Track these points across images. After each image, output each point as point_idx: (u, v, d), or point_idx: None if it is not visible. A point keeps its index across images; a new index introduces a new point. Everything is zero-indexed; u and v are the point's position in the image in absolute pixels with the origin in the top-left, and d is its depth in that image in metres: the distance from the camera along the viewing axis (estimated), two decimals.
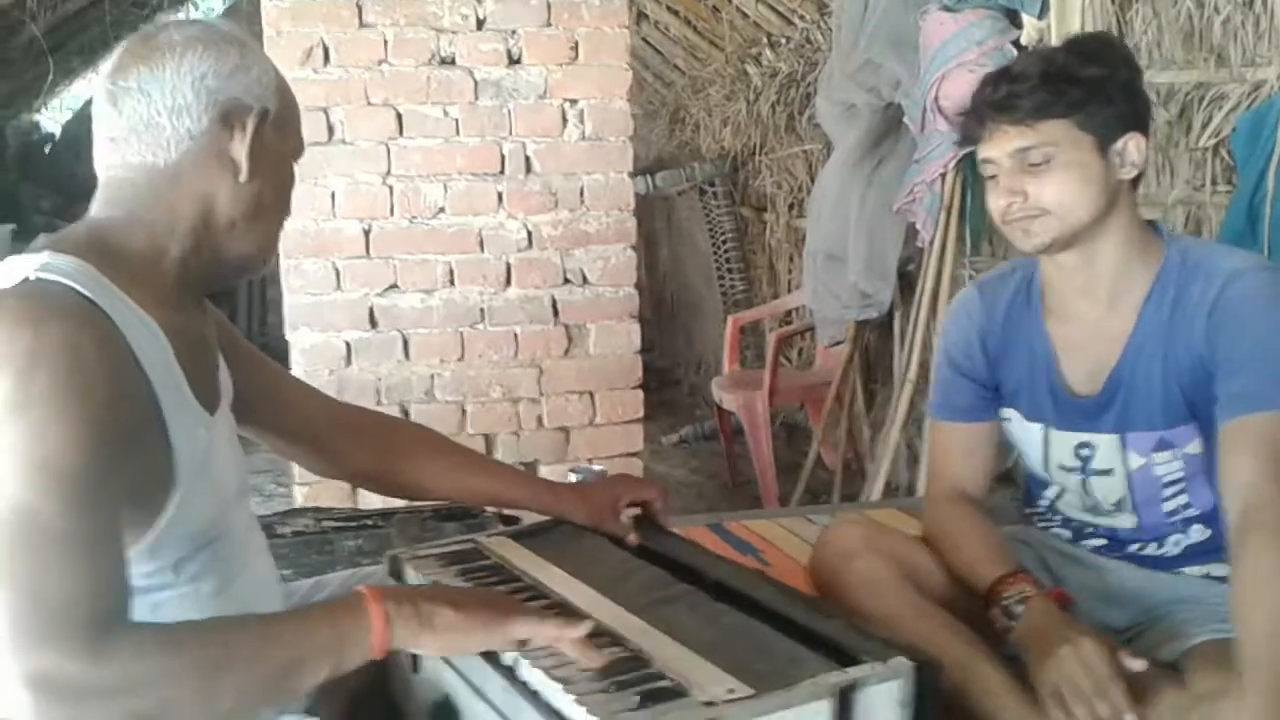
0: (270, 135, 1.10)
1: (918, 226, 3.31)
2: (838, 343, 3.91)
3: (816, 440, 3.93)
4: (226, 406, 1.20)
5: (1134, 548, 1.48)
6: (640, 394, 3.01)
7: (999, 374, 1.52)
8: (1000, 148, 1.36)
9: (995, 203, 1.39)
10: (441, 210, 2.89)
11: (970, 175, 3.19)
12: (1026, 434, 1.51)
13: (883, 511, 2.40)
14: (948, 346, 1.58)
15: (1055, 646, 1.23)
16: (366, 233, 2.86)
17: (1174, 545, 1.45)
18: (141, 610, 0.99)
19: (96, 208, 1.09)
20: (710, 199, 5.52)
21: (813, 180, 4.60)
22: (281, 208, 1.15)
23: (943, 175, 3.18)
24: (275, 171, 1.12)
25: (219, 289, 1.19)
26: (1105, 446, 1.43)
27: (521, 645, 1.06)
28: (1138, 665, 1.20)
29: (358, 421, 1.47)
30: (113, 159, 1.07)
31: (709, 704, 0.98)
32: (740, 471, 4.34)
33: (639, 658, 1.08)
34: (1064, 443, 1.46)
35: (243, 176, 1.08)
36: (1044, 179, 1.34)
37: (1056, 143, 1.33)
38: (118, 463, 0.94)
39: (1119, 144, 1.34)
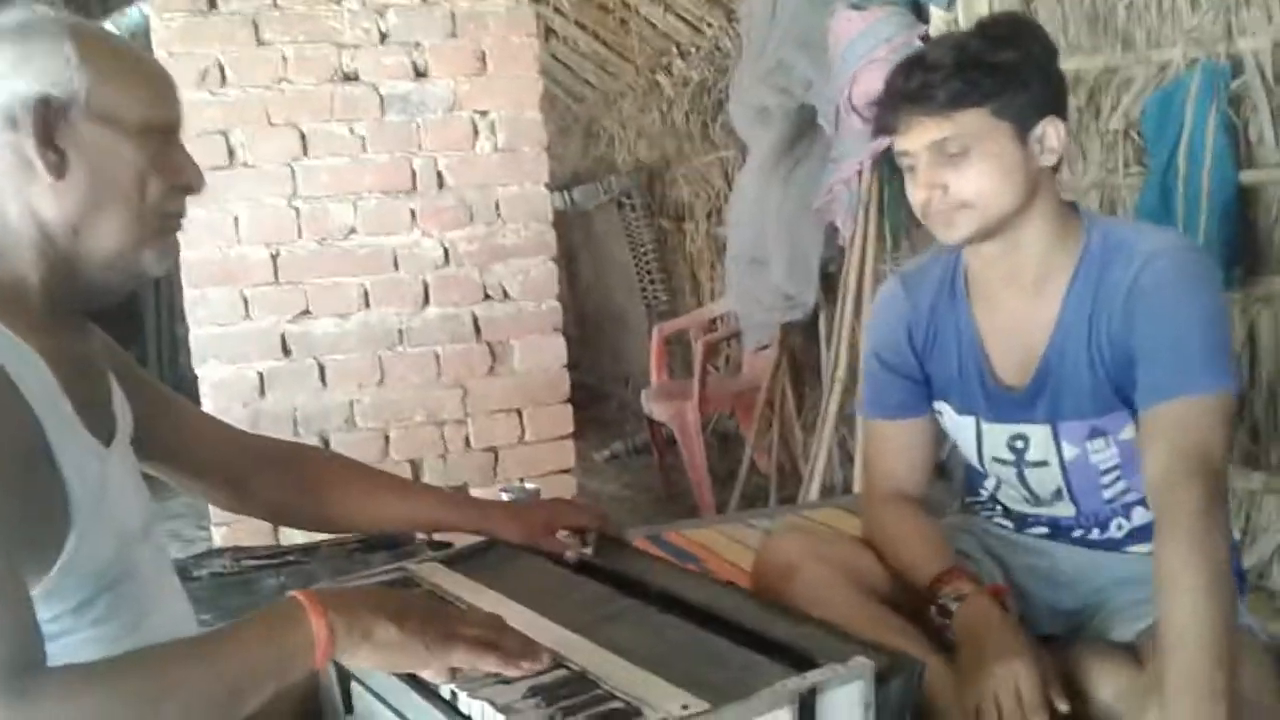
0: (81, 118, 0.97)
1: (838, 225, 3.30)
2: (764, 347, 3.90)
3: (749, 446, 3.91)
4: (124, 438, 1.10)
5: (1077, 534, 1.46)
6: (570, 409, 2.94)
7: (928, 367, 1.48)
8: (917, 140, 1.32)
9: (915, 196, 1.35)
10: (353, 231, 2.80)
11: (888, 171, 3.20)
12: (959, 428, 1.48)
13: (822, 511, 2.37)
14: (874, 343, 1.54)
15: (989, 661, 1.20)
16: (274, 258, 2.76)
17: (1116, 529, 1.44)
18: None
19: None
20: (628, 211, 5.49)
21: (730, 187, 4.60)
22: (126, 195, 0.99)
23: (860, 173, 3.18)
24: (101, 157, 0.97)
25: (100, 305, 1.06)
26: (1038, 437, 1.40)
27: (454, 673, 0.99)
28: (1063, 707, 1.18)
29: (269, 452, 1.38)
30: None
31: None
32: (674, 483, 4.30)
33: (585, 678, 1.01)
34: (998, 435, 1.43)
35: (50, 176, 0.96)
36: (963, 170, 1.30)
37: (974, 133, 1.29)
38: (8, 498, 0.86)
39: (1038, 130, 1.32)
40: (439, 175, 2.84)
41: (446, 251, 2.86)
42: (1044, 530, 1.48)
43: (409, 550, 1.92)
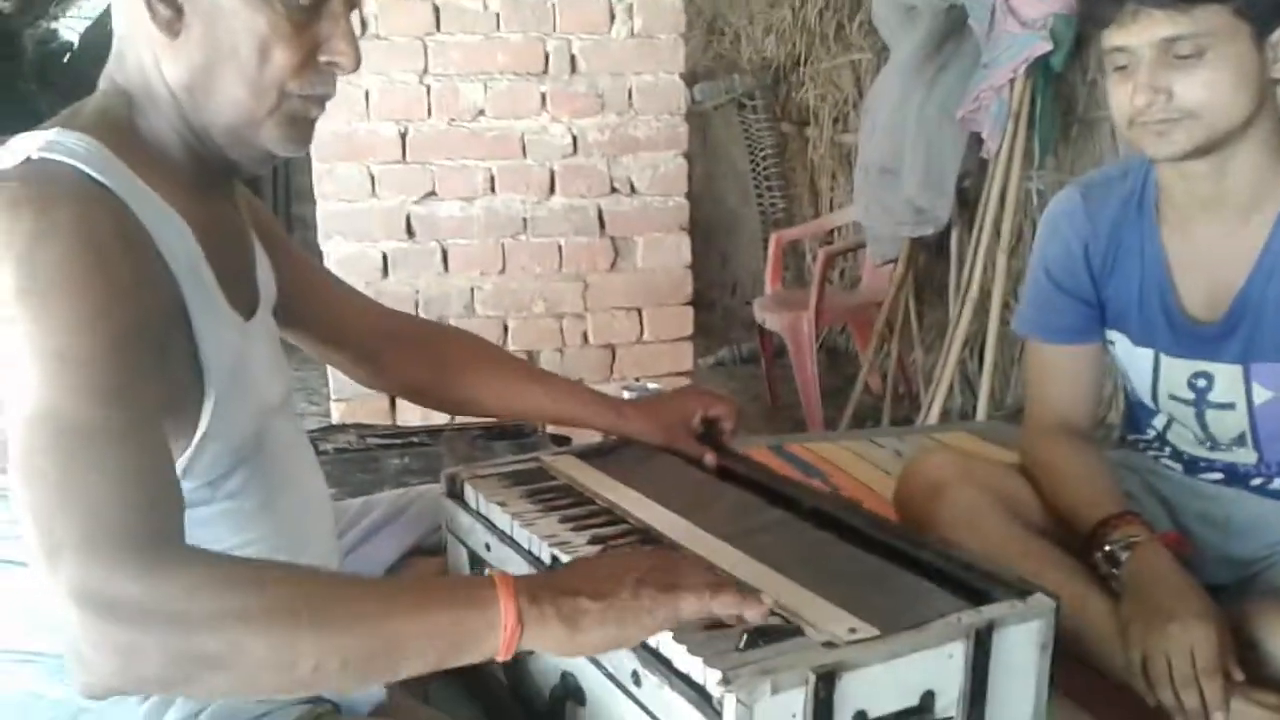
0: None
1: (983, 136, 3.13)
2: (889, 261, 3.74)
3: (866, 362, 3.79)
4: (267, 309, 1.06)
5: (1256, 483, 1.35)
6: (690, 310, 2.87)
7: (1104, 291, 1.36)
8: (1142, 35, 1.17)
9: (1128, 100, 1.20)
10: (481, 112, 2.72)
11: (1042, 81, 3.01)
12: (1134, 360, 1.36)
13: (950, 434, 2.28)
14: (1045, 258, 1.41)
15: (1164, 618, 1.12)
16: (403, 135, 2.70)
17: None
18: None
19: (103, 82, 0.94)
20: (750, 113, 5.30)
21: (860, 93, 4.40)
22: (242, 65, 0.89)
23: (1011, 81, 2.99)
24: (219, 18, 0.89)
25: (247, 174, 1.01)
26: (1226, 378, 1.28)
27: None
28: (1239, 676, 1.10)
29: (408, 330, 1.34)
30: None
31: (829, 645, 0.86)
32: (779, 395, 4.21)
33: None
34: (1178, 371, 1.31)
35: (162, 34, 0.89)
36: (1193, 74, 1.16)
37: (1212, 32, 1.14)
38: (145, 356, 0.80)
39: (1275, 35, 1.16)
40: (572, 59, 2.74)
41: (575, 140, 2.78)
42: (1218, 476, 1.37)
43: (532, 442, 1.89)
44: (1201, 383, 1.30)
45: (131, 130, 0.91)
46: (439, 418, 2.36)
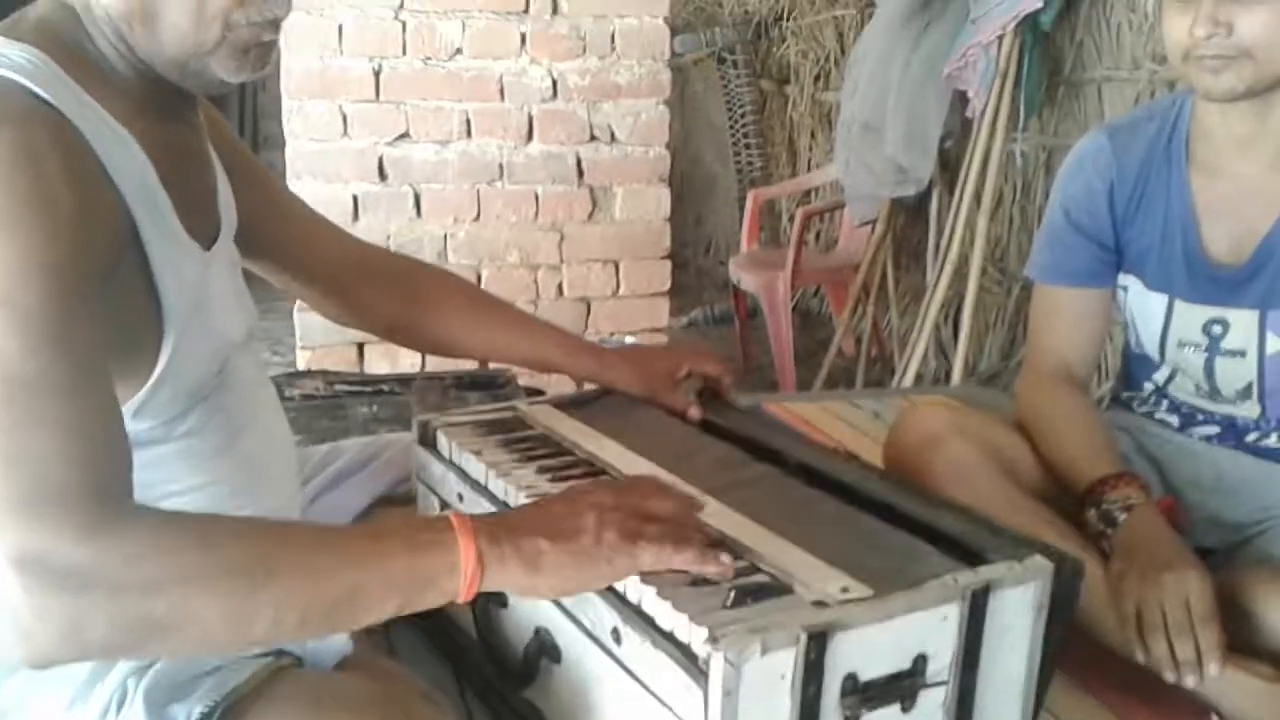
0: None
1: (969, 94, 3.07)
2: (868, 222, 3.70)
3: (841, 324, 3.76)
4: (228, 237, 1.00)
5: (1252, 438, 1.33)
6: (668, 265, 2.81)
7: (1125, 234, 1.35)
8: None
9: (1186, 32, 1.17)
10: (459, 51, 2.63)
11: (1030, 39, 2.96)
12: (1145, 305, 1.34)
13: (926, 398, 2.25)
14: (1066, 200, 1.39)
15: (1156, 568, 1.11)
16: (376, 74, 2.61)
17: None
18: (136, 467, 0.78)
19: None
20: (729, 68, 5.21)
21: (843, 50, 4.34)
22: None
23: (999, 38, 2.94)
24: None
25: (206, 94, 0.95)
26: (1242, 324, 1.27)
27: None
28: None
29: (383, 265, 1.28)
30: None
31: (820, 604, 0.82)
32: (753, 356, 4.18)
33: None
34: (1192, 317, 1.30)
35: None
36: (1255, 13, 1.13)
37: None
38: (90, 297, 0.74)
39: None
40: None
41: (555, 84, 2.70)
42: (1214, 430, 1.35)
43: (506, 393, 1.84)
44: (1217, 329, 1.29)
45: (77, 46, 0.84)
46: (409, 367, 2.31)
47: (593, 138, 2.73)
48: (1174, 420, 1.39)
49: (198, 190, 0.94)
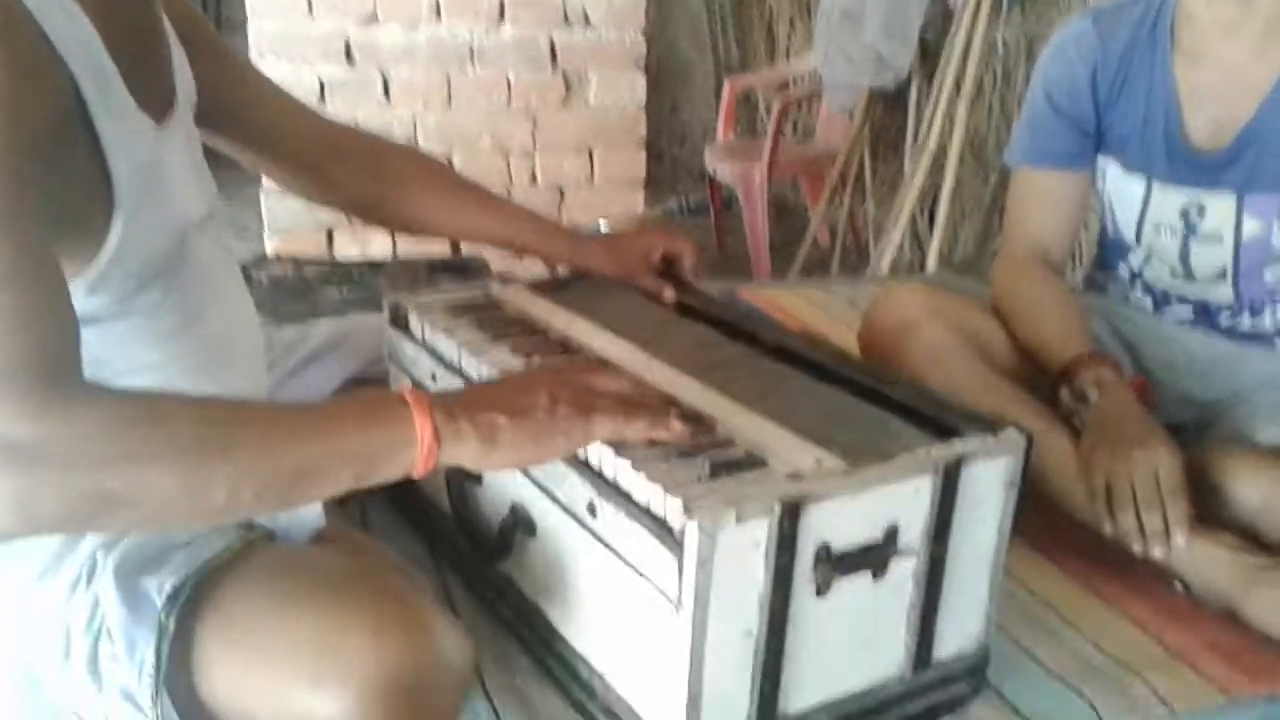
0: None
1: None
2: (846, 110, 3.64)
3: (817, 215, 3.73)
4: (185, 111, 0.96)
5: (1224, 320, 1.34)
6: (643, 154, 2.77)
7: (1106, 117, 1.33)
8: None
9: None
10: None
11: None
12: (1122, 189, 1.33)
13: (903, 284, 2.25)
14: (1048, 83, 1.37)
15: (1127, 444, 1.12)
16: None
17: (1271, 320, 1.31)
18: (90, 343, 0.77)
19: None
20: None
21: None
22: None
23: None
24: None
25: None
26: (1218, 208, 1.26)
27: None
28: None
29: (355, 144, 1.25)
30: None
31: (794, 477, 0.82)
32: (727, 247, 4.15)
33: (701, 421, 0.91)
34: (1169, 201, 1.29)
35: None
36: None
37: None
38: (33, 173, 0.71)
39: None
40: None
41: None
42: (1188, 313, 1.36)
43: (480, 280, 1.82)
44: (1193, 213, 1.29)
45: None
46: (380, 253, 2.27)
47: (566, 20, 2.65)
48: (1148, 303, 1.39)
49: (150, 62, 0.90)
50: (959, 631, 0.95)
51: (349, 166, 1.21)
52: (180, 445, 0.70)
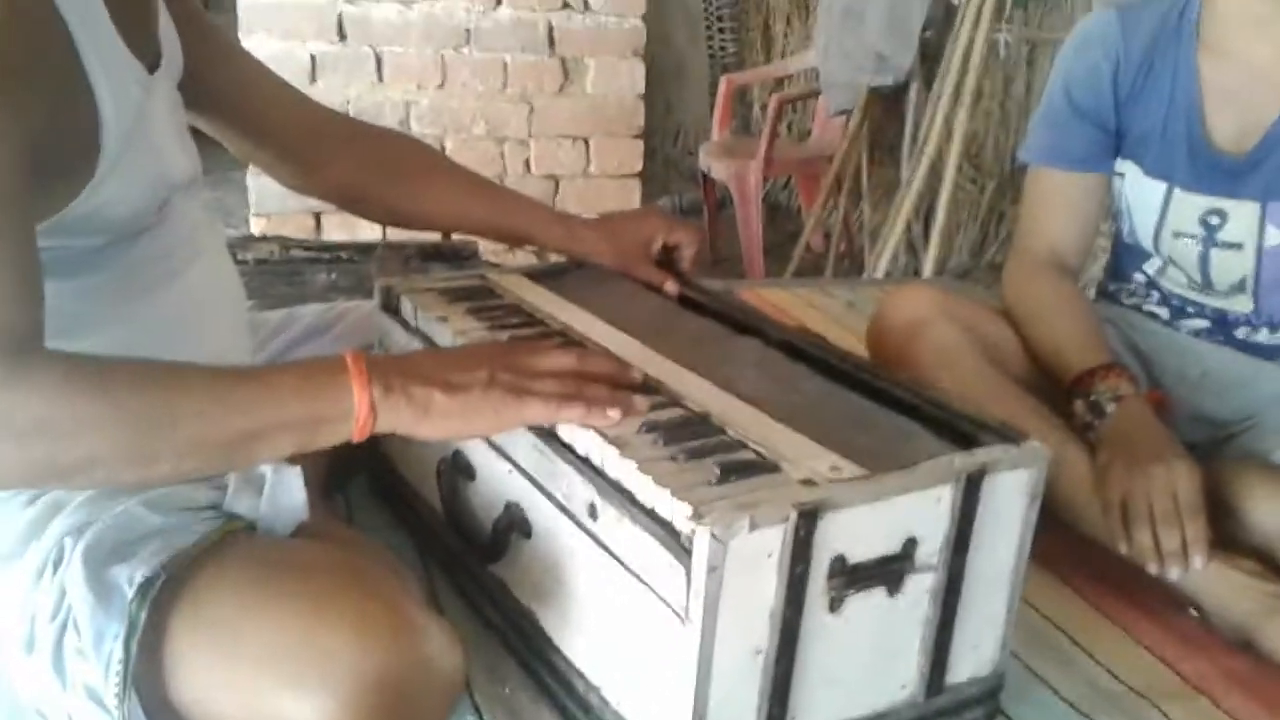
0: None
1: None
2: (844, 111, 3.60)
3: (811, 217, 3.69)
4: (170, 73, 0.93)
5: (1242, 332, 1.30)
6: (640, 144, 2.72)
7: (1126, 118, 1.29)
8: None
9: None
10: None
11: None
12: (1141, 193, 1.29)
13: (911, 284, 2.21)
14: (1069, 80, 1.33)
15: (1145, 459, 1.09)
16: None
17: None
18: (65, 294, 0.78)
19: None
20: None
21: None
22: None
23: None
24: None
25: None
26: (1241, 215, 1.22)
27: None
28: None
29: (343, 129, 1.20)
30: None
31: (808, 483, 0.78)
32: (720, 248, 4.10)
33: (709, 421, 0.86)
34: (1190, 207, 1.25)
35: None
36: None
37: None
38: (11, 118, 0.69)
39: None
40: None
41: None
42: (1204, 324, 1.32)
43: (471, 265, 1.77)
44: (1214, 219, 1.25)
45: None
46: (368, 237, 2.21)
47: (565, 5, 2.60)
48: (1163, 312, 1.35)
49: (137, 14, 0.87)
50: (974, 654, 0.90)
51: (337, 153, 1.16)
52: (124, 420, 0.71)
